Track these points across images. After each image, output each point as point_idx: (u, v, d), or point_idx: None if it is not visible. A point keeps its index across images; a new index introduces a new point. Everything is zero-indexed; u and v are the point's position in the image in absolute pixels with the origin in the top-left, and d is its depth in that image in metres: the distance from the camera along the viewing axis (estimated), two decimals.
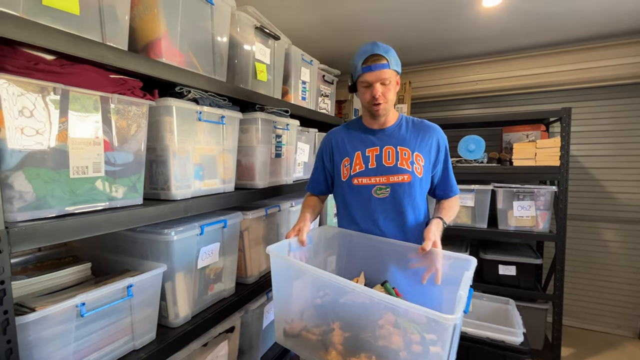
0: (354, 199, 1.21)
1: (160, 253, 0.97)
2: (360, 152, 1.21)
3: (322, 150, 1.33)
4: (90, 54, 0.72)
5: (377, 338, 0.80)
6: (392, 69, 1.12)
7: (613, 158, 2.56)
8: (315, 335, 0.93)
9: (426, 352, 0.73)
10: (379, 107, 1.14)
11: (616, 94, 2.50)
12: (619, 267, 2.58)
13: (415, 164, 1.16)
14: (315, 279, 0.88)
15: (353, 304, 0.85)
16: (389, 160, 1.17)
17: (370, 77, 1.11)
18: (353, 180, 1.20)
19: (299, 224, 1.13)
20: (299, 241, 1.08)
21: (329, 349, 0.89)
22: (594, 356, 2.33)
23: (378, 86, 1.12)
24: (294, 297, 1.01)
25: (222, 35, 1.17)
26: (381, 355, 0.79)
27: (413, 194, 1.16)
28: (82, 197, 0.77)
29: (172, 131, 0.97)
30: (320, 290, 0.93)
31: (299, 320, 0.98)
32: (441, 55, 2.66)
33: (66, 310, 0.70)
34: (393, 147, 1.18)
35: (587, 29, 2.18)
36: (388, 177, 1.16)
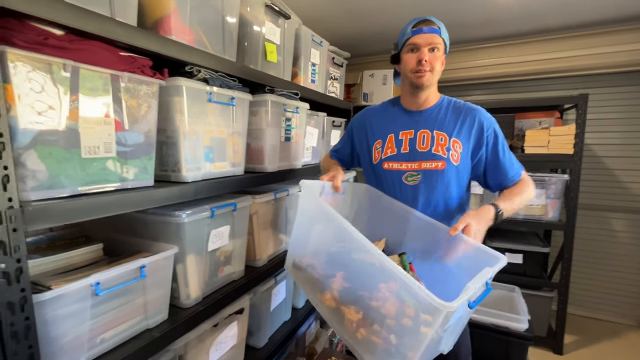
0: (383, 184, 1.17)
1: (172, 235, 0.97)
2: (394, 134, 1.14)
3: (353, 127, 1.28)
4: (99, 29, 0.70)
5: (372, 299, 0.80)
6: (443, 37, 1.07)
7: (627, 147, 2.51)
8: (319, 275, 0.95)
9: (415, 329, 0.71)
10: (424, 75, 1.06)
11: (633, 80, 2.42)
12: (627, 257, 2.57)
13: (451, 151, 1.08)
14: (337, 228, 0.86)
15: (362, 262, 0.84)
16: (423, 145, 1.10)
17: (420, 39, 1.05)
18: (383, 165, 1.15)
19: (334, 171, 1.09)
20: (334, 186, 1.04)
21: (325, 291, 0.91)
22: (596, 344, 2.35)
23: (426, 50, 1.05)
24: (313, 237, 1.01)
25: (232, 13, 1.13)
26: (368, 314, 0.80)
27: (446, 183, 1.09)
28: (94, 178, 0.76)
29: (182, 112, 0.95)
30: (340, 241, 0.92)
31: (309, 257, 1.00)
32: (452, 39, 2.57)
33: (82, 289, 0.71)
34: (429, 131, 1.11)
35: (604, 12, 2.09)
36: (420, 163, 1.10)
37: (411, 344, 0.73)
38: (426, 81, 1.08)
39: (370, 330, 0.80)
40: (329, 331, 1.92)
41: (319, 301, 0.94)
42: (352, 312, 0.84)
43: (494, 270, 0.82)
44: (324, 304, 0.92)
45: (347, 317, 0.85)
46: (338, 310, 0.88)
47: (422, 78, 1.07)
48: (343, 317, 0.86)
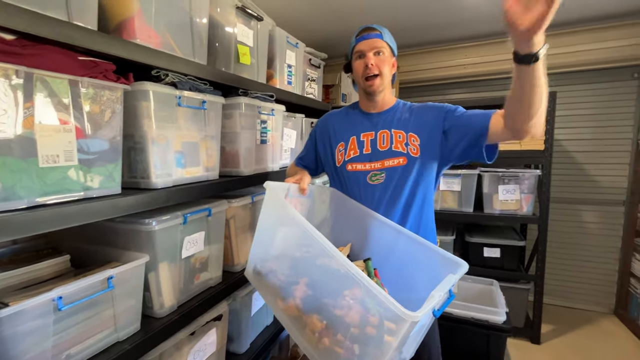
0: (348, 186, 1.17)
1: (143, 243, 0.94)
2: (355, 136, 1.17)
3: (316, 132, 1.30)
4: (54, 34, 0.67)
5: (336, 306, 0.78)
6: (386, 41, 1.11)
7: (594, 142, 2.62)
8: (280, 281, 0.92)
9: (379, 337, 0.70)
10: (373, 80, 1.10)
11: (599, 77, 2.53)
12: (597, 248, 2.68)
13: (410, 145, 1.10)
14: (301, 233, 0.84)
15: (326, 267, 0.82)
16: (383, 145, 1.13)
17: (364, 45, 1.10)
18: (347, 167, 1.16)
19: (301, 174, 1.09)
20: (300, 189, 1.03)
21: (288, 299, 0.88)
22: (571, 332, 2.44)
23: (371, 55, 1.10)
24: (276, 241, 0.99)
25: (201, 15, 1.11)
26: (332, 323, 0.78)
27: (410, 177, 1.10)
28: (54, 187, 0.73)
29: (150, 117, 0.93)
30: (304, 246, 0.90)
31: (271, 262, 0.97)
32: (429, 39, 2.62)
33: (42, 304, 0.68)
34: (388, 131, 1.14)
35: (570, 12, 2.18)
36: (382, 161, 1.12)
37: (374, 353, 0.72)
38: (377, 87, 1.12)
39: (334, 340, 0.77)
40: None
41: (280, 309, 0.91)
42: (315, 321, 0.82)
43: (456, 278, 0.83)
44: (285, 313, 0.89)
45: (309, 327, 0.83)
46: (300, 319, 0.86)
47: (372, 86, 1.12)
48: (305, 326, 0.84)
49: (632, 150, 2.54)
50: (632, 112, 2.52)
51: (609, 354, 2.19)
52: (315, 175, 1.33)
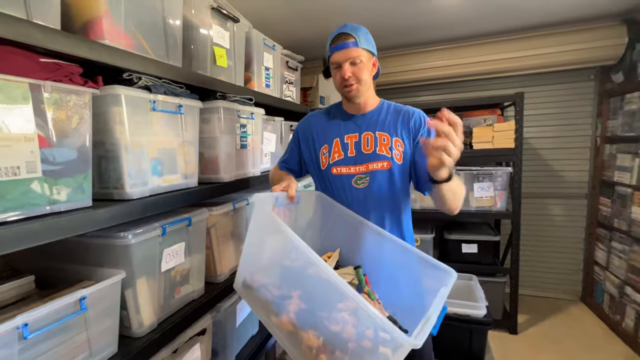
0: (333, 189, 1.16)
1: (118, 259, 0.88)
2: (339, 139, 1.15)
3: (299, 133, 1.26)
4: (10, 33, 0.61)
5: (332, 321, 0.76)
6: (362, 47, 1.07)
7: (559, 139, 2.78)
8: (273, 296, 0.89)
9: (374, 349, 0.69)
10: (351, 88, 1.09)
11: (562, 79, 2.70)
12: (564, 239, 2.85)
13: (394, 150, 1.10)
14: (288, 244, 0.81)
15: (319, 278, 0.79)
16: (367, 147, 1.12)
17: (338, 56, 1.08)
18: (332, 170, 1.14)
19: (287, 180, 1.06)
20: (288, 197, 1.00)
21: (282, 314, 0.85)
22: (545, 320, 2.57)
23: (347, 66, 1.07)
24: (265, 253, 0.96)
25: (175, 16, 1.06)
26: (330, 339, 0.76)
27: (394, 181, 1.10)
28: (16, 203, 0.66)
29: (122, 123, 0.87)
30: (290, 255, 0.87)
31: (261, 275, 0.94)
32: (404, 42, 2.68)
33: (5, 333, 0.61)
34: (372, 133, 1.12)
35: (538, 18, 2.31)
36: (367, 165, 1.11)
37: None
38: (355, 93, 1.10)
39: (332, 357, 0.75)
40: None
41: (274, 325, 0.87)
42: (312, 338, 0.79)
43: (448, 290, 0.83)
44: (279, 328, 0.86)
45: (305, 343, 0.80)
46: (295, 335, 0.83)
47: (350, 92, 1.10)
48: (301, 342, 0.81)
49: (592, 146, 2.72)
50: (590, 111, 2.70)
51: (578, 338, 2.32)
52: (299, 178, 1.30)
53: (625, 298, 2.27)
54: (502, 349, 2.22)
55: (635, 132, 2.22)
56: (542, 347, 2.23)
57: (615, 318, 2.38)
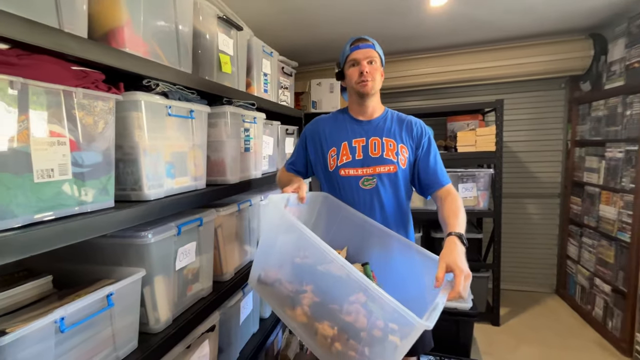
0: (341, 190, 1.22)
1: (136, 257, 0.91)
2: (347, 142, 1.22)
3: (307, 137, 1.32)
4: (51, 43, 0.65)
5: (345, 312, 0.83)
6: (377, 51, 1.20)
7: (535, 142, 2.98)
8: (287, 290, 0.95)
9: (384, 338, 0.76)
10: (366, 83, 1.17)
11: (536, 87, 2.90)
12: (540, 235, 3.04)
13: (400, 155, 1.19)
14: (300, 239, 0.88)
15: (330, 274, 0.87)
16: (375, 151, 1.19)
17: (359, 54, 1.18)
18: (340, 172, 1.21)
19: (298, 182, 1.13)
20: (299, 198, 1.07)
21: (296, 307, 0.92)
22: (524, 312, 2.74)
23: (365, 63, 1.17)
24: (277, 249, 1.02)
25: (186, 24, 1.11)
26: (343, 329, 0.83)
27: (398, 184, 1.20)
28: (49, 203, 0.69)
29: (141, 127, 0.91)
30: (301, 250, 0.94)
31: (275, 271, 1.01)
32: (392, 49, 2.80)
33: (44, 327, 0.64)
34: (379, 138, 1.20)
35: (515, 31, 2.49)
36: (374, 167, 1.19)
37: (382, 352, 0.77)
38: (370, 89, 1.19)
39: (346, 345, 0.81)
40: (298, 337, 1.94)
41: (289, 317, 0.93)
42: (327, 328, 0.85)
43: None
44: (294, 319, 0.92)
45: (320, 332, 0.86)
46: (311, 326, 0.89)
47: (366, 86, 1.18)
48: (316, 332, 0.87)
49: (563, 149, 2.93)
50: (562, 116, 2.92)
51: (555, 328, 2.49)
52: (305, 179, 1.37)
53: (595, 289, 2.47)
54: (486, 340, 2.36)
55: (601, 136, 2.43)
56: (522, 337, 2.39)
57: (587, 308, 2.57)
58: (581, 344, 2.30)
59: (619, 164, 2.23)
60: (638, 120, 2.06)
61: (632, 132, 2.11)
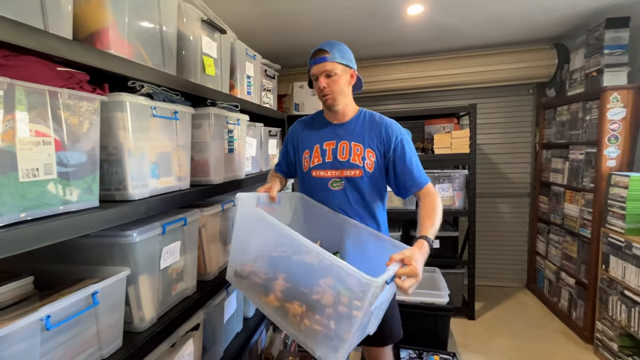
0: (313, 190, 1.30)
1: (120, 256, 0.92)
2: (319, 145, 1.28)
3: (288, 140, 1.40)
4: (37, 44, 0.66)
5: (313, 293, 0.90)
6: (336, 61, 1.19)
7: (505, 145, 3.15)
8: (261, 280, 1.03)
9: (349, 314, 0.84)
10: (327, 97, 1.22)
11: (506, 92, 3.07)
12: (511, 233, 3.21)
13: (366, 160, 1.23)
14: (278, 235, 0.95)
15: (303, 263, 0.93)
16: (343, 155, 1.25)
17: (315, 69, 1.21)
18: (312, 173, 1.28)
19: (270, 183, 1.20)
20: (270, 197, 1.13)
21: (269, 293, 1.00)
22: (497, 306, 2.88)
23: (322, 78, 1.20)
24: (253, 245, 1.08)
25: (170, 26, 1.13)
26: (311, 306, 0.90)
27: (365, 187, 1.25)
28: (34, 203, 0.70)
29: (126, 128, 0.92)
30: (280, 245, 1.00)
31: (250, 265, 1.08)
32: (371, 55, 2.89)
33: (30, 325, 0.64)
34: (348, 142, 1.25)
35: (486, 39, 2.63)
36: (342, 171, 1.25)
37: (346, 327, 0.85)
38: (332, 102, 1.23)
39: (314, 320, 0.89)
40: (282, 334, 1.96)
41: (264, 303, 1.01)
42: (296, 307, 0.93)
43: None
44: (268, 305, 1.00)
45: (291, 312, 0.94)
46: (282, 308, 0.97)
47: (327, 101, 1.23)
48: (287, 312, 0.95)
49: (532, 151, 3.12)
50: (530, 120, 3.10)
51: (525, 320, 2.64)
52: (291, 178, 1.46)
53: (561, 282, 2.63)
54: (462, 333, 2.47)
55: (565, 139, 2.61)
56: (496, 330, 2.51)
57: (553, 300, 2.74)
58: (548, 334, 2.45)
59: (581, 165, 2.41)
60: (596, 124, 2.23)
61: (592, 136, 2.29)
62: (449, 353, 2.05)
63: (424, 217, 1.13)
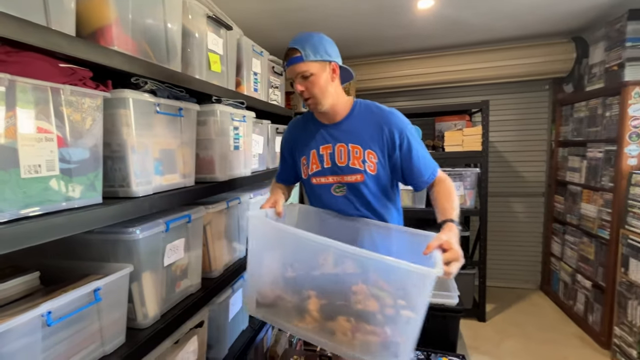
0: (317, 195, 1.24)
1: (124, 253, 0.92)
2: (315, 150, 1.19)
3: (284, 146, 1.33)
4: (39, 41, 0.66)
5: (353, 303, 0.83)
6: (310, 60, 1.04)
7: (519, 142, 3.06)
8: (291, 303, 0.93)
9: (397, 314, 0.79)
10: (309, 102, 1.11)
11: (521, 88, 2.97)
12: (525, 233, 3.12)
13: (367, 162, 1.13)
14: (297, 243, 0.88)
15: (326, 275, 0.87)
16: (341, 160, 1.15)
17: (289, 72, 1.10)
18: (312, 180, 1.21)
19: (274, 197, 1.12)
20: (276, 213, 1.07)
21: (305, 315, 0.89)
22: (509, 308, 2.81)
23: (298, 81, 1.08)
24: (271, 265, 1.01)
25: (175, 23, 1.12)
26: (359, 316, 0.83)
27: (369, 192, 1.16)
28: (36, 199, 0.70)
29: (129, 125, 0.92)
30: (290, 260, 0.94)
31: (271, 290, 0.97)
32: (380, 50, 2.84)
33: (31, 320, 0.65)
34: (345, 145, 1.14)
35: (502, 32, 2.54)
36: (342, 176, 1.16)
37: (402, 330, 0.79)
38: (314, 106, 1.11)
39: (366, 331, 0.82)
40: (287, 333, 1.96)
41: (301, 328, 0.90)
42: (343, 323, 0.84)
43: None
44: (306, 329, 0.89)
45: (339, 331, 0.85)
46: (325, 328, 0.87)
47: (310, 106, 1.13)
48: (333, 331, 0.85)
49: (547, 149, 3.02)
50: (546, 117, 3.00)
51: (538, 323, 2.56)
52: (294, 184, 1.40)
53: (577, 284, 2.55)
54: (472, 335, 2.42)
55: (583, 137, 2.51)
56: (507, 332, 2.45)
57: (569, 303, 2.65)
58: (563, 338, 2.37)
59: (599, 164, 2.31)
60: (616, 121, 2.13)
61: (611, 133, 2.19)
62: (458, 355, 2.01)
63: (442, 201, 1.07)
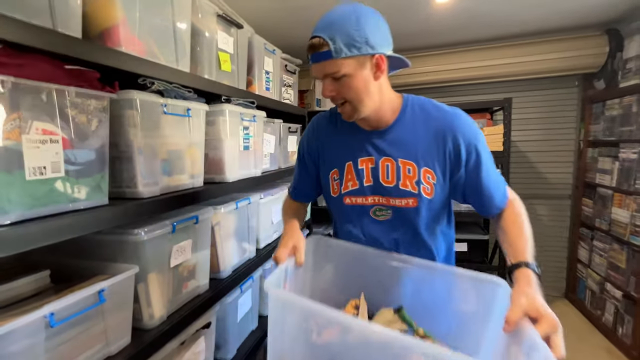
0: (347, 218, 0.98)
1: (130, 254, 0.92)
2: (352, 162, 0.93)
3: (304, 153, 1.05)
4: (45, 44, 0.66)
5: None
6: (342, 57, 0.78)
7: (545, 142, 2.90)
8: None
9: None
10: (342, 110, 0.87)
11: (548, 85, 2.82)
12: (549, 238, 2.97)
13: (423, 184, 0.87)
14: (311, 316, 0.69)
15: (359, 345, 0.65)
16: (387, 179, 0.89)
17: (315, 71, 0.84)
18: (345, 200, 0.95)
19: (293, 241, 0.86)
20: (297, 263, 0.83)
21: None
22: None
23: (327, 83, 0.83)
24: (294, 341, 0.77)
25: (183, 22, 1.11)
26: None
27: (422, 218, 0.90)
28: (42, 201, 0.71)
29: (135, 125, 0.92)
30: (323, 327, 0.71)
31: None
32: (399, 47, 2.75)
33: (34, 322, 0.65)
34: (393, 160, 0.88)
35: (525, 26, 2.41)
36: (388, 198, 0.91)
37: None
38: (349, 115, 0.87)
39: None
40: None
41: None
42: None
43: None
44: None
45: None
46: None
47: (343, 115, 0.89)
48: None
49: (575, 149, 2.85)
50: (574, 115, 2.83)
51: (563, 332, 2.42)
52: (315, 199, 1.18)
53: (605, 294, 2.39)
54: None
55: (615, 136, 2.35)
56: None
57: (596, 313, 2.50)
58: (590, 349, 2.23)
59: (633, 166, 2.15)
60: None
61: None
62: None
63: (512, 235, 0.85)
